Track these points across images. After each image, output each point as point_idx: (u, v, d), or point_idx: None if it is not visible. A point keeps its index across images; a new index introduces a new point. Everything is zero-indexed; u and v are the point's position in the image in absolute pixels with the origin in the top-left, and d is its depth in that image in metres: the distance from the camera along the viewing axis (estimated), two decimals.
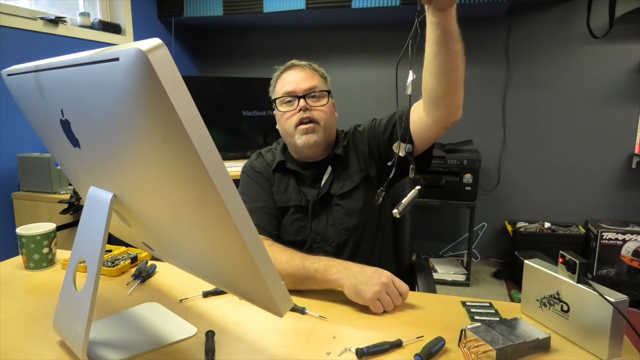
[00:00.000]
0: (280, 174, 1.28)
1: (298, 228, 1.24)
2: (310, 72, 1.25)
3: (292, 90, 1.22)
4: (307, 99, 1.21)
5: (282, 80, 1.27)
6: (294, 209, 1.24)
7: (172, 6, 3.12)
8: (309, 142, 1.20)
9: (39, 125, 0.83)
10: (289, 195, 1.25)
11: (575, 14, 2.89)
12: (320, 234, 1.23)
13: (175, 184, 0.58)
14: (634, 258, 2.73)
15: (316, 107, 1.22)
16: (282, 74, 1.28)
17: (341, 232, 1.22)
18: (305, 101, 1.21)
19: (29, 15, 2.26)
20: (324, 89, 1.25)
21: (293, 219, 1.24)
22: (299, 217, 1.24)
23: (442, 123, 1.14)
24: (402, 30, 3.23)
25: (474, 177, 2.81)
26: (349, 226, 1.22)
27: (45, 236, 1.15)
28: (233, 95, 3.11)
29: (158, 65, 0.46)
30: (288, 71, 1.27)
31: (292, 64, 1.28)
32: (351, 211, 1.22)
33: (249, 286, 0.66)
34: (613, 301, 0.73)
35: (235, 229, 0.54)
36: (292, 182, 1.26)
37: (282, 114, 1.23)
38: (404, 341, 0.80)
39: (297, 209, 1.24)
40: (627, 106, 2.88)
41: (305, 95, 1.21)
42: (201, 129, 0.49)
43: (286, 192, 1.26)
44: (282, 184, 1.27)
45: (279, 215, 1.25)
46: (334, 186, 1.24)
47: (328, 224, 1.23)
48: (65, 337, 0.78)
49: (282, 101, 1.24)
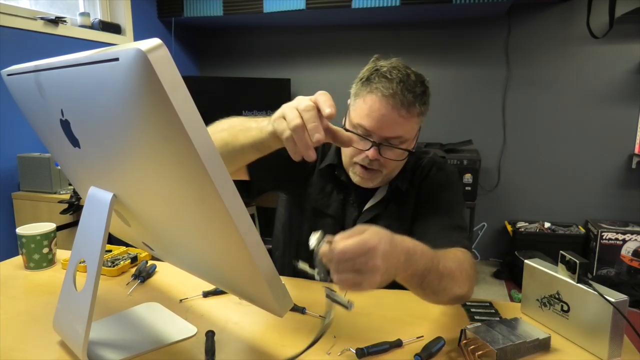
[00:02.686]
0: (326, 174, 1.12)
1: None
2: (405, 114, 0.94)
3: (369, 131, 0.95)
4: (383, 148, 0.96)
5: (367, 101, 0.95)
6: (333, 220, 1.10)
7: (172, 6, 3.12)
8: (361, 184, 1.04)
9: (39, 125, 0.83)
10: (330, 203, 1.10)
11: (575, 14, 2.89)
12: None
13: (175, 184, 0.58)
14: (634, 258, 2.73)
15: (390, 159, 0.98)
16: (372, 91, 0.95)
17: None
18: (379, 151, 0.96)
19: (29, 15, 2.26)
20: (408, 144, 0.98)
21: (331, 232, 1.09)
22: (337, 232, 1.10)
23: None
24: (402, 30, 3.23)
25: (474, 177, 2.81)
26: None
27: (45, 236, 1.15)
28: (233, 95, 3.11)
29: (158, 65, 0.46)
30: (379, 95, 0.93)
31: (387, 87, 0.92)
32: None
33: (249, 286, 0.66)
34: (613, 301, 0.73)
35: (235, 228, 0.54)
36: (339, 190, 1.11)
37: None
38: (404, 341, 0.79)
39: (336, 224, 1.10)
40: (627, 106, 2.88)
41: (382, 143, 0.96)
42: (201, 129, 0.49)
43: (330, 196, 1.11)
44: (327, 185, 1.11)
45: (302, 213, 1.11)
46: (381, 222, 1.04)
47: None
48: (65, 337, 0.78)
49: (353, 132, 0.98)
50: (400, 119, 0.94)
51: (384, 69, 0.96)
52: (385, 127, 0.95)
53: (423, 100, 0.97)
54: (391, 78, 0.94)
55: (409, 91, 0.93)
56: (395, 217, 1.08)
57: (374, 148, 0.96)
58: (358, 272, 0.63)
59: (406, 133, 0.97)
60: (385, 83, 0.93)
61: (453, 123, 3.22)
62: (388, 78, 0.94)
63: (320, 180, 1.12)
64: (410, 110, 0.94)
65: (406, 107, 0.93)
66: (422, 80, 0.98)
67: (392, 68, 0.96)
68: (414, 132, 1.00)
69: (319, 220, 1.13)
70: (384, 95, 0.93)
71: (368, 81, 0.97)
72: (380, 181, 1.04)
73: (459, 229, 0.99)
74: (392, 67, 0.96)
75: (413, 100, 0.94)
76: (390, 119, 0.94)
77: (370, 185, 1.05)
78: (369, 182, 1.03)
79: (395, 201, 1.08)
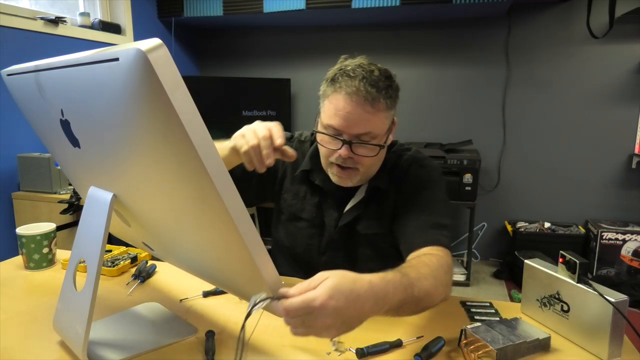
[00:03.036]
0: (302, 179, 1.13)
1: (307, 245, 1.12)
2: (370, 109, 0.94)
3: (339, 130, 0.96)
4: (355, 146, 0.97)
5: (333, 101, 0.96)
6: (307, 223, 1.12)
7: (172, 6, 3.12)
8: (340, 183, 1.04)
9: (39, 125, 0.83)
10: (304, 207, 1.12)
11: (575, 14, 2.89)
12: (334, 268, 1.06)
13: (175, 184, 0.58)
14: (634, 258, 2.73)
15: (363, 155, 0.98)
16: (337, 90, 0.96)
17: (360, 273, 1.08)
18: (351, 149, 0.97)
19: (29, 15, 2.26)
20: (379, 140, 0.98)
21: (306, 234, 1.12)
22: (312, 234, 1.12)
23: None
24: (402, 30, 3.23)
25: (474, 177, 2.80)
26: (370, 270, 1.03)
27: (45, 236, 1.15)
28: (233, 95, 3.11)
29: (158, 65, 0.46)
30: (343, 93, 0.94)
31: (350, 84, 0.94)
32: (375, 257, 1.08)
33: (249, 286, 0.66)
34: (613, 301, 0.73)
35: (235, 228, 0.54)
36: (314, 193, 1.12)
37: (320, 138, 1.02)
38: (404, 341, 0.79)
39: (312, 225, 1.12)
40: (627, 106, 2.88)
41: (352, 141, 0.96)
42: (201, 129, 0.49)
43: (304, 201, 1.12)
44: (301, 189, 1.13)
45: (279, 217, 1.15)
46: (362, 223, 1.08)
47: (346, 259, 1.10)
48: (65, 337, 0.78)
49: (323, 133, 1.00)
50: (366, 114, 0.95)
51: (348, 68, 0.97)
52: (352, 124, 0.95)
53: (388, 94, 0.96)
54: (354, 76, 0.94)
55: (372, 86, 0.94)
56: (376, 216, 1.08)
57: (345, 146, 0.97)
58: (309, 327, 0.62)
59: (375, 128, 0.97)
60: (349, 81, 0.94)
61: (453, 123, 3.22)
62: (351, 76, 0.95)
63: (295, 186, 1.14)
64: (375, 105, 0.95)
65: (370, 102, 0.94)
66: (387, 75, 0.98)
67: (356, 66, 0.96)
68: (384, 127, 0.99)
69: (294, 224, 1.14)
70: (348, 93, 0.94)
71: (333, 81, 0.97)
72: (360, 179, 1.05)
73: (438, 226, 0.98)
74: (356, 65, 0.97)
75: (377, 94, 0.94)
76: (357, 116, 0.94)
77: (349, 184, 1.05)
78: (347, 181, 1.03)
79: (375, 201, 1.08)
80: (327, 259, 1.11)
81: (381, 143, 0.99)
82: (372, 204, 1.08)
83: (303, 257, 1.14)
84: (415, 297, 0.74)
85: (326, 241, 1.11)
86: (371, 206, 1.08)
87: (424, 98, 3.24)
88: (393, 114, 1.02)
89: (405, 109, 3.29)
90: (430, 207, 1.02)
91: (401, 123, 1.10)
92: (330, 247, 1.11)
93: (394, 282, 0.70)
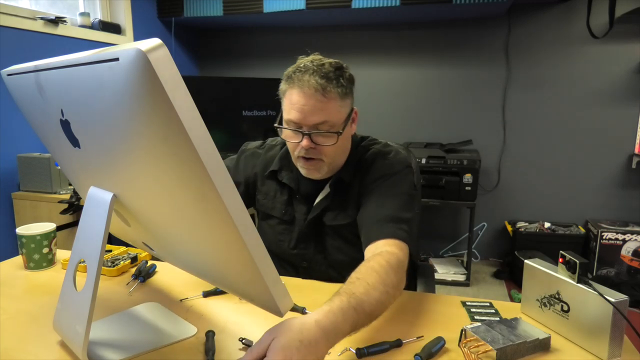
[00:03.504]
0: (272, 179, 1.20)
1: (279, 242, 1.18)
2: (321, 99, 0.99)
3: (297, 123, 1.02)
4: (314, 136, 1.02)
5: (288, 97, 1.03)
6: (278, 220, 1.18)
7: (172, 6, 3.12)
8: (309, 175, 1.10)
9: (39, 125, 0.83)
10: (275, 205, 1.18)
11: (575, 14, 2.89)
12: (307, 260, 1.16)
13: (175, 184, 0.58)
14: (634, 258, 2.73)
15: (323, 145, 1.04)
16: (291, 86, 1.02)
17: (330, 265, 1.14)
18: (311, 139, 1.02)
19: (29, 15, 2.26)
20: (336, 127, 1.02)
21: (276, 231, 1.19)
22: (282, 231, 1.18)
23: None
24: (402, 30, 3.23)
25: (474, 177, 2.81)
26: (340, 261, 1.13)
27: (45, 236, 1.15)
28: (233, 95, 3.11)
29: (158, 65, 0.46)
30: (296, 88, 1.01)
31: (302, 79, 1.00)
32: (343, 248, 1.12)
33: (249, 286, 0.66)
34: (613, 301, 0.73)
35: (235, 228, 0.54)
36: (283, 192, 1.18)
37: (283, 134, 1.07)
38: (404, 341, 0.79)
39: (282, 222, 1.18)
40: (627, 106, 2.88)
41: (311, 132, 1.02)
42: (201, 129, 0.49)
43: (274, 200, 1.19)
44: (271, 189, 1.20)
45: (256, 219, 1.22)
46: (328, 215, 1.13)
47: (316, 250, 1.15)
48: (65, 337, 0.78)
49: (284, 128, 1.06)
50: (319, 104, 1.00)
51: (301, 65, 1.03)
52: (308, 115, 1.00)
53: (340, 83, 1.02)
54: (305, 70, 1.01)
55: (322, 77, 1.00)
56: (341, 208, 1.12)
57: (306, 137, 1.02)
58: None
59: (330, 117, 1.02)
60: (300, 76, 1.01)
61: (453, 123, 3.22)
62: (302, 71, 1.01)
63: (264, 186, 1.22)
64: (327, 95, 1.00)
65: (321, 92, 0.99)
66: (337, 67, 1.03)
67: (308, 62, 1.04)
68: (339, 115, 1.04)
69: (267, 222, 1.22)
70: (300, 86, 1.00)
71: (288, 79, 1.04)
72: (327, 170, 1.10)
73: (397, 220, 1.00)
74: (308, 61, 1.04)
75: (327, 84, 1.00)
76: (310, 106, 1.00)
77: (318, 176, 1.10)
78: (315, 172, 1.09)
79: (340, 193, 1.12)
80: (299, 251, 1.17)
81: (339, 130, 1.03)
82: (337, 196, 1.13)
83: (277, 253, 1.19)
84: (367, 313, 0.74)
85: (296, 235, 1.16)
86: (337, 198, 1.13)
87: (424, 98, 3.24)
88: (351, 104, 1.07)
89: (406, 109, 3.29)
90: (390, 200, 1.04)
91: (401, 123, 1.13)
92: (301, 240, 1.16)
93: (342, 310, 0.70)
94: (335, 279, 1.10)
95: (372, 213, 1.03)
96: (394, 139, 1.43)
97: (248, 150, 1.27)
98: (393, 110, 3.31)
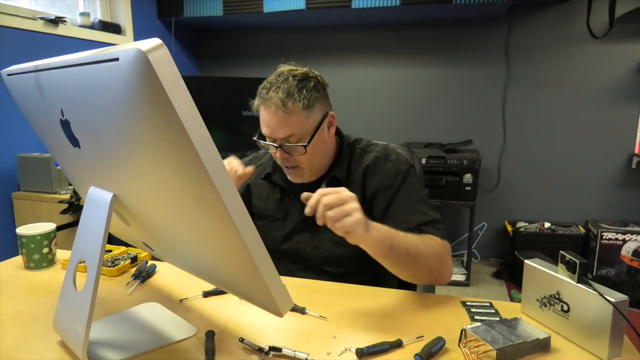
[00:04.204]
0: (266, 182, 1.24)
1: (270, 238, 1.20)
2: (283, 115, 1.04)
3: (269, 136, 1.08)
4: (286, 147, 1.08)
5: (259, 112, 1.09)
6: (271, 218, 1.22)
7: (172, 6, 3.12)
8: (295, 180, 1.15)
9: (39, 125, 0.83)
10: (267, 205, 1.22)
11: (575, 14, 2.89)
12: (301, 254, 1.18)
13: (175, 184, 0.58)
14: (634, 258, 2.73)
15: (295, 155, 1.09)
16: (259, 103, 1.08)
17: (326, 260, 1.16)
18: (284, 150, 1.08)
19: (29, 15, 2.26)
20: (303, 139, 1.06)
21: (269, 228, 1.21)
22: (273, 228, 1.21)
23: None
24: (402, 30, 3.23)
25: (474, 177, 2.81)
26: (340, 255, 1.14)
27: (45, 236, 1.15)
28: (233, 95, 3.11)
29: (158, 65, 0.46)
30: (262, 105, 1.07)
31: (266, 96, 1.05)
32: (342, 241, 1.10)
33: (249, 286, 0.66)
34: (613, 301, 0.73)
35: (235, 228, 0.54)
36: (276, 191, 1.22)
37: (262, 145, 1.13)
38: (404, 341, 0.79)
39: (275, 219, 1.21)
40: (627, 106, 2.88)
41: (282, 144, 1.07)
42: (201, 129, 0.49)
43: (267, 200, 1.23)
44: (264, 190, 1.24)
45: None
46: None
47: (311, 245, 1.17)
48: (65, 337, 0.78)
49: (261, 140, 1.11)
50: (282, 120, 1.04)
51: (269, 80, 1.07)
52: (275, 130, 1.06)
53: (301, 95, 1.04)
54: (269, 87, 1.05)
55: (283, 92, 1.03)
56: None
57: (279, 150, 1.08)
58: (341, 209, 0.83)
59: (296, 129, 1.05)
60: (264, 93, 1.05)
61: (453, 123, 3.22)
62: (268, 88, 1.05)
63: (257, 188, 1.26)
64: (287, 111, 1.03)
65: (282, 109, 1.03)
66: (301, 79, 1.06)
67: (274, 77, 1.07)
68: (306, 127, 1.06)
69: (260, 222, 1.24)
70: (265, 104, 1.05)
71: (258, 94, 1.08)
72: (310, 174, 1.14)
73: (433, 222, 1.07)
74: (275, 75, 1.07)
75: (287, 99, 1.03)
76: (275, 122, 1.05)
77: (302, 181, 1.15)
78: (298, 178, 1.14)
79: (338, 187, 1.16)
80: (292, 245, 1.19)
81: (304, 143, 1.07)
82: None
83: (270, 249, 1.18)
84: (402, 239, 0.91)
85: (289, 231, 1.19)
86: None
87: (424, 98, 3.24)
88: (320, 111, 1.09)
89: (406, 109, 3.29)
90: (419, 204, 1.10)
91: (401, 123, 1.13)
92: (295, 233, 1.19)
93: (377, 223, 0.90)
94: (330, 274, 1.13)
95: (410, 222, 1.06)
96: (394, 139, 1.43)
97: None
98: (393, 110, 3.31)
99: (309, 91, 1.06)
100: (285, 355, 0.76)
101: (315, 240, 1.17)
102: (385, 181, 1.12)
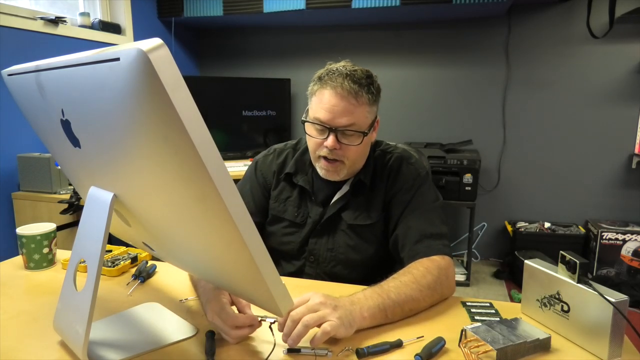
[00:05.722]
0: (286, 182, 1.21)
1: (288, 242, 1.19)
2: (354, 101, 1.03)
3: (325, 122, 1.04)
4: (340, 135, 1.05)
5: (319, 96, 1.06)
6: (288, 223, 1.19)
7: (172, 6, 3.12)
8: (327, 177, 1.12)
9: (39, 125, 0.83)
10: (286, 208, 1.19)
11: (575, 14, 2.89)
12: (315, 255, 1.16)
13: (176, 184, 0.58)
14: (634, 258, 2.73)
15: (347, 145, 1.06)
16: (323, 87, 1.05)
17: (339, 262, 1.15)
18: (337, 138, 1.05)
19: (29, 15, 2.26)
20: (362, 129, 1.06)
21: (285, 232, 1.19)
22: (291, 232, 1.18)
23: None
24: (402, 30, 3.23)
25: (474, 177, 2.80)
26: (353, 259, 1.14)
27: (45, 236, 1.15)
28: (233, 95, 3.11)
29: (159, 65, 0.46)
30: (329, 88, 1.04)
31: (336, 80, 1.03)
32: (359, 247, 1.14)
33: (249, 286, 0.66)
34: (613, 301, 0.73)
35: (236, 228, 0.54)
36: (295, 194, 1.19)
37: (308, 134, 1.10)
38: (404, 341, 0.80)
39: (291, 224, 1.18)
40: (627, 106, 2.88)
41: (337, 130, 1.05)
42: (202, 129, 0.49)
43: (285, 202, 1.20)
44: (284, 192, 1.21)
45: (264, 221, 1.22)
46: (347, 213, 1.14)
47: (327, 247, 1.16)
48: (65, 337, 0.78)
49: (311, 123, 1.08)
50: (350, 106, 1.04)
51: (334, 68, 1.07)
52: (337, 116, 1.04)
53: (370, 90, 1.07)
54: (338, 73, 1.05)
55: (355, 82, 1.04)
56: (362, 207, 1.15)
57: (332, 136, 1.05)
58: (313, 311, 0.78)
59: (358, 120, 1.05)
60: (334, 78, 1.04)
61: (453, 123, 3.22)
62: (336, 74, 1.05)
63: (278, 189, 1.22)
64: (359, 99, 1.04)
65: (354, 96, 1.03)
66: (368, 75, 1.08)
67: (341, 67, 1.07)
68: (366, 121, 1.08)
69: (277, 224, 1.21)
70: (333, 87, 1.04)
71: (320, 79, 1.07)
72: (346, 173, 1.12)
73: (439, 236, 1.06)
74: (341, 66, 1.08)
75: (359, 89, 1.04)
76: (341, 108, 1.03)
77: (336, 178, 1.12)
78: (334, 174, 1.11)
79: (360, 193, 1.15)
80: (309, 247, 1.17)
81: (365, 131, 1.07)
82: (358, 196, 1.15)
83: (283, 253, 1.21)
84: (394, 301, 0.87)
85: (305, 235, 1.17)
86: (357, 198, 1.15)
87: (424, 98, 3.24)
88: (376, 112, 1.12)
89: (406, 109, 3.29)
90: (431, 215, 1.11)
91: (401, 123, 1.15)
92: (312, 237, 1.17)
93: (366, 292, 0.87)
94: (341, 276, 1.14)
95: (418, 229, 1.07)
96: (394, 139, 1.43)
97: (259, 159, 1.28)
98: (393, 110, 3.30)
99: (374, 88, 1.09)
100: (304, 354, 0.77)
101: (332, 243, 1.16)
102: (404, 184, 1.14)
